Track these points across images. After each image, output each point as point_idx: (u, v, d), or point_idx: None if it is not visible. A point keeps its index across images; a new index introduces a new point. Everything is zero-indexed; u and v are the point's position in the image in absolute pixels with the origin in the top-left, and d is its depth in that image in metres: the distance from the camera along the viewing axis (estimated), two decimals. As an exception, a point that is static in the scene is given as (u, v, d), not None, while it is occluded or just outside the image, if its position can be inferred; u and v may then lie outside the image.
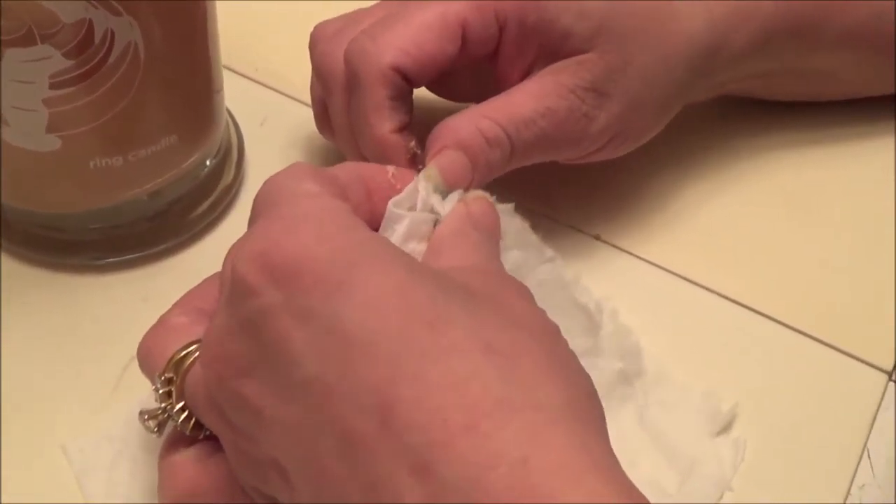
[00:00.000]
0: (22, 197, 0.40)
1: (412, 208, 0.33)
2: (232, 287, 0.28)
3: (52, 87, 0.35)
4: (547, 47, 0.38)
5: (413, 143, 0.37)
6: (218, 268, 0.31)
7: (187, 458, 0.31)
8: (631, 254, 0.44)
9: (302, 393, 0.26)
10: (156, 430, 0.32)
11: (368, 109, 0.37)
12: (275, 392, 0.27)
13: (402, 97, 0.37)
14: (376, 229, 0.33)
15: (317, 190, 0.30)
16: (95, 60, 0.35)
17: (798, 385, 0.40)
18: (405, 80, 0.37)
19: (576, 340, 0.29)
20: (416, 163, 0.37)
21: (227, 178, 0.44)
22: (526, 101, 0.37)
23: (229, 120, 0.45)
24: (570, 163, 0.41)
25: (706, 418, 0.38)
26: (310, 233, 0.28)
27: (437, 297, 0.27)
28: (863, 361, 0.40)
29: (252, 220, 0.31)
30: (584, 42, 0.38)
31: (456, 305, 0.27)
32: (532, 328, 0.28)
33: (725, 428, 0.38)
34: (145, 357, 0.32)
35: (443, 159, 0.36)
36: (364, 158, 0.38)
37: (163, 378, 0.31)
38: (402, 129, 0.37)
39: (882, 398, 0.39)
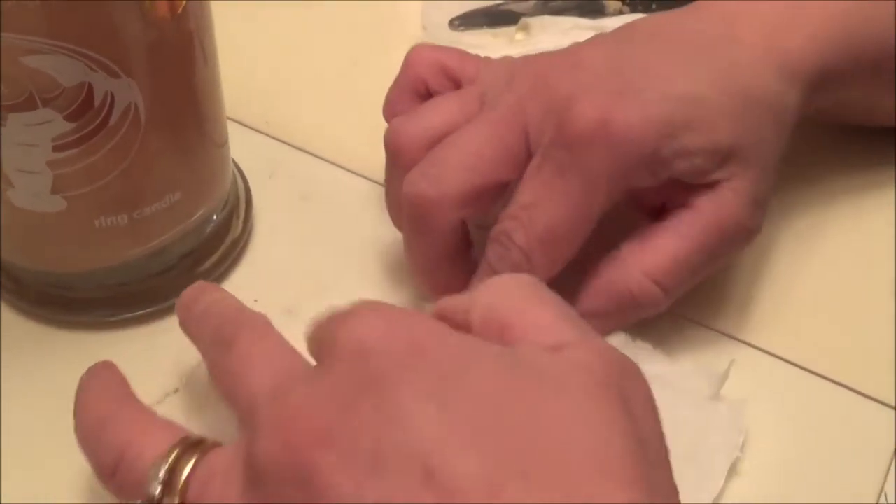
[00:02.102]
0: (29, 257, 0.41)
1: None
2: (344, 353, 0.28)
3: (56, 149, 0.36)
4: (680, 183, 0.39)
5: None
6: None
7: None
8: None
9: (401, 467, 0.25)
10: None
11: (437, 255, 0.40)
12: (356, 467, 0.25)
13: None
14: None
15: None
16: (96, 122, 0.35)
17: (811, 427, 0.39)
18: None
19: None
20: None
21: (235, 231, 0.44)
22: (689, 255, 0.39)
23: (236, 173, 0.46)
24: None
25: (701, 386, 0.38)
26: (430, 325, 0.28)
27: None
28: (874, 400, 0.40)
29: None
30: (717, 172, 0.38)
31: None
32: None
33: (717, 393, 0.38)
34: (124, 448, 0.31)
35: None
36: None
37: (167, 467, 0.29)
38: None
39: (898, 438, 0.39)
